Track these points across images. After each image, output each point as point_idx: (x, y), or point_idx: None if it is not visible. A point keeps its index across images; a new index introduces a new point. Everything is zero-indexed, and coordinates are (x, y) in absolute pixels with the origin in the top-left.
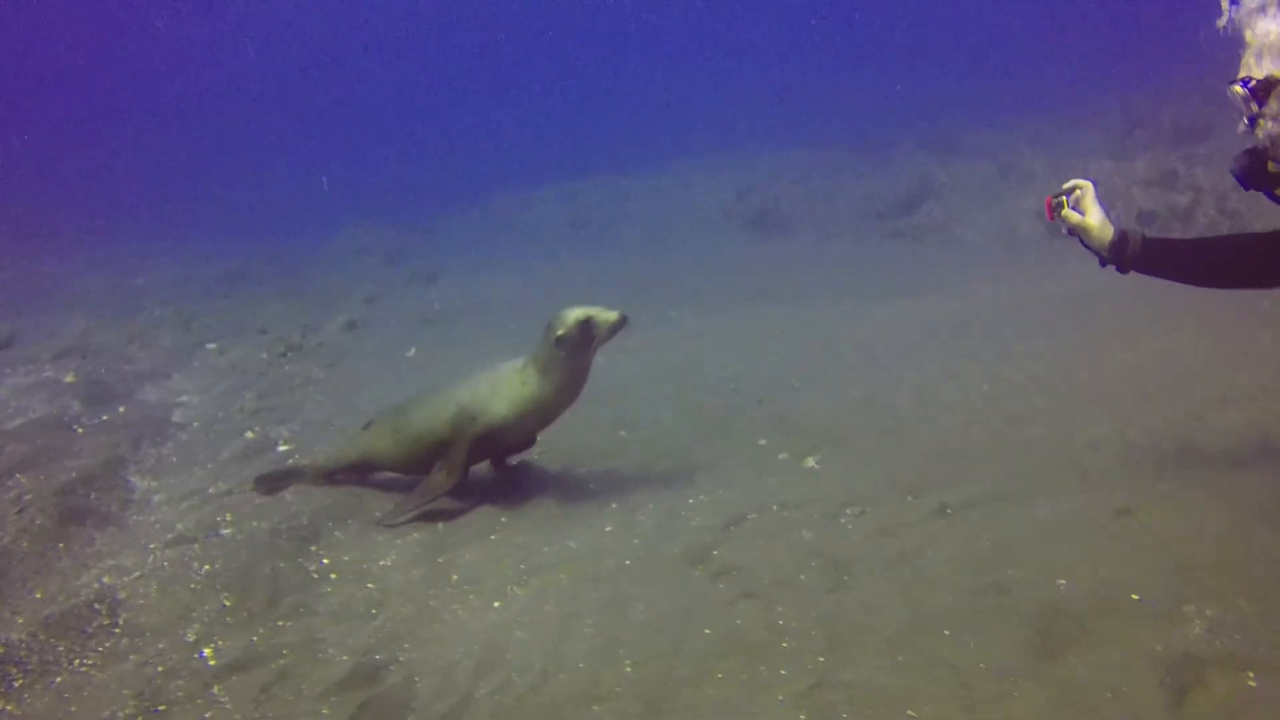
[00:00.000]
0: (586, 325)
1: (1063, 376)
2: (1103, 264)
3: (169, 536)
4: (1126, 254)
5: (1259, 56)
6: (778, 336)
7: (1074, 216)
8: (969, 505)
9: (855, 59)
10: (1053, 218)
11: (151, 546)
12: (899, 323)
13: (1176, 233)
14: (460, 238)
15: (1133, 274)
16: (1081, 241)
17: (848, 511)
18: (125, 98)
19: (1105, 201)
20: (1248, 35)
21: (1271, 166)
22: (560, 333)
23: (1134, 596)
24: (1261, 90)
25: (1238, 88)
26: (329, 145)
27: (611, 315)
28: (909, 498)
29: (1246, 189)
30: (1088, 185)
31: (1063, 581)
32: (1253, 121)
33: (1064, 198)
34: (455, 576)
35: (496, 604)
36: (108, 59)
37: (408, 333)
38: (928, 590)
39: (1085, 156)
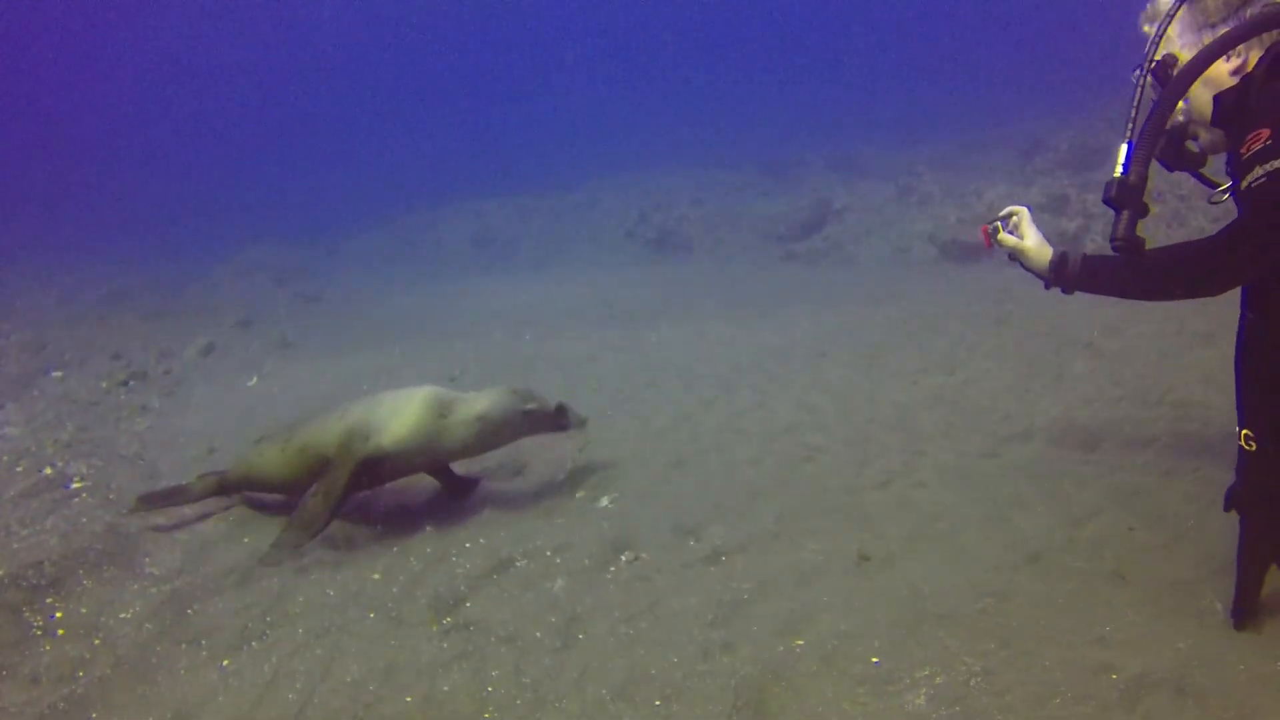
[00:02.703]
0: (540, 414)
1: (870, 404)
2: (1046, 286)
3: None
4: (1067, 273)
5: (1175, 35)
6: (610, 362)
7: (1010, 240)
8: (741, 548)
9: (775, 81)
10: (990, 245)
11: None
12: (734, 347)
13: None
14: (360, 257)
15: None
16: (1022, 265)
17: (622, 558)
18: (25, 110)
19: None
20: (1149, 12)
21: (1190, 146)
22: (531, 406)
23: (874, 660)
24: (1163, 70)
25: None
26: (240, 163)
27: (566, 419)
28: (691, 540)
29: (1170, 170)
30: (1023, 210)
31: (800, 642)
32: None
33: (999, 224)
34: (193, 629)
35: (225, 662)
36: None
37: (261, 357)
38: (657, 649)
39: (981, 180)
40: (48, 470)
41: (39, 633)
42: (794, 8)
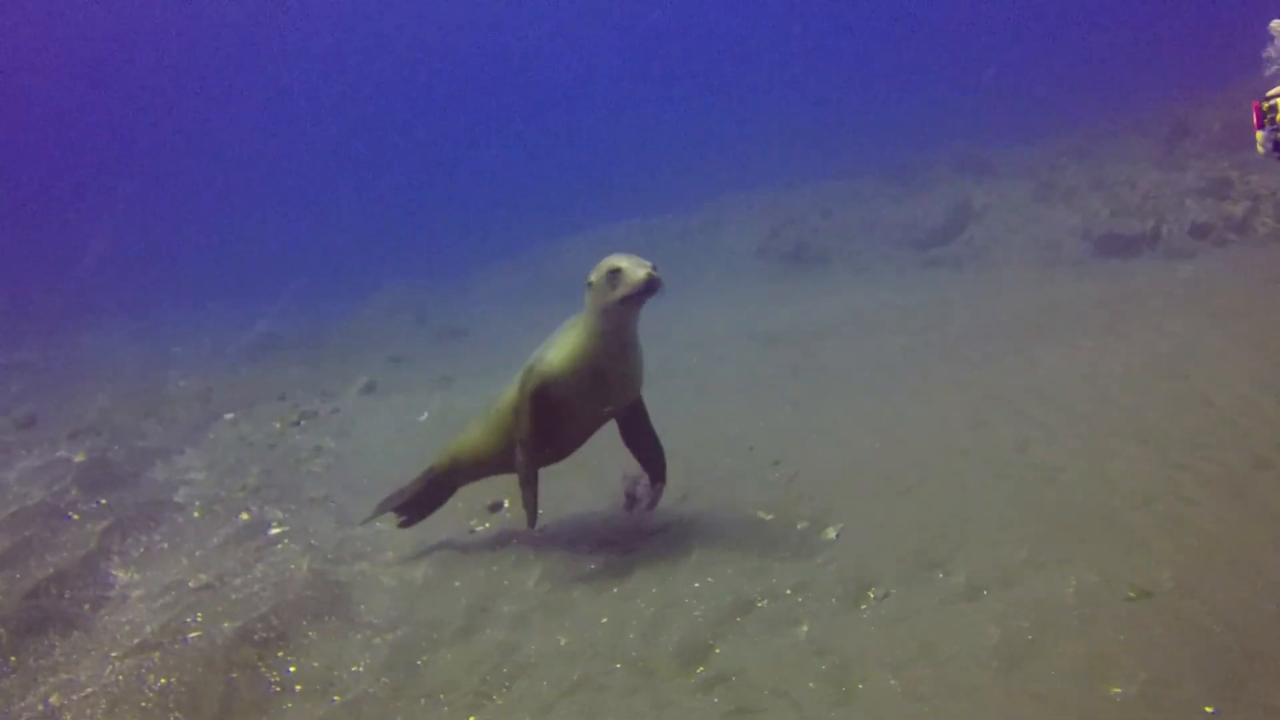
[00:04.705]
0: (614, 276)
1: (1101, 416)
2: None
3: (134, 642)
4: None
5: None
6: (793, 384)
7: None
8: (999, 582)
9: (880, 82)
10: (1261, 125)
11: (112, 655)
12: (913, 357)
13: (1234, 245)
14: (493, 291)
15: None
16: None
17: (870, 595)
18: (168, 167)
19: (1155, 214)
20: None
21: None
22: (591, 279)
23: (1208, 709)
24: None
25: None
26: (366, 201)
27: (639, 272)
28: (939, 574)
29: None
30: None
31: (1117, 690)
32: None
33: (1278, 101)
34: (429, 684)
35: (471, 718)
36: (150, 130)
37: (425, 395)
38: (952, 700)
39: (1130, 168)
40: (244, 516)
41: (278, 689)
42: (897, 8)
